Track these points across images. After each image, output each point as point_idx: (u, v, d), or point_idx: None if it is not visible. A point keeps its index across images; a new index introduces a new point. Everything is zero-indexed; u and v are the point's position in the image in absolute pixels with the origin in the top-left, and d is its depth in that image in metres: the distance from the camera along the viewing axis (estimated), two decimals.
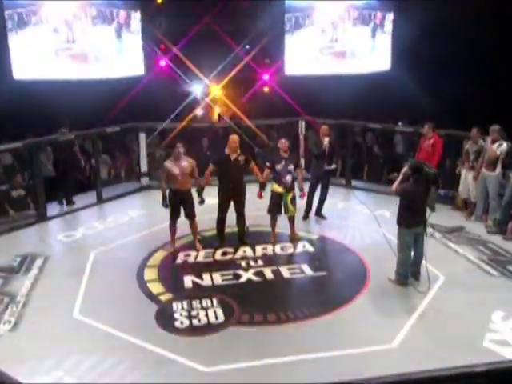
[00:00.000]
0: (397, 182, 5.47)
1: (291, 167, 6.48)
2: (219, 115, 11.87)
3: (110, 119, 9.38)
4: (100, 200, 8.42)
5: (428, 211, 5.50)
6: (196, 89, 12.79)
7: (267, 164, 6.57)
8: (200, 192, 6.31)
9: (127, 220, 7.62)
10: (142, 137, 9.01)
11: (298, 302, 5.20)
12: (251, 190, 6.61)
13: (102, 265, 6.04)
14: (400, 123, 10.86)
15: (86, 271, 5.86)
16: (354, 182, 9.25)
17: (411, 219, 5.28)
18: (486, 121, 7.51)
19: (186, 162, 6.17)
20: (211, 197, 6.51)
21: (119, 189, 9.06)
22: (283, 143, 6.47)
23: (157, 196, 8.58)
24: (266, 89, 13.41)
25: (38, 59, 9.56)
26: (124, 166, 10.01)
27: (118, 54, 10.39)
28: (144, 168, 9.10)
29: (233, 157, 6.33)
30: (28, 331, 4.71)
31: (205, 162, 6.66)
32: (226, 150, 6.36)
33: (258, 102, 13.00)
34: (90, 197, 8.51)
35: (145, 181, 9.13)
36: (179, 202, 6.20)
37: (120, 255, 6.30)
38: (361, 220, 7.48)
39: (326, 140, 7.27)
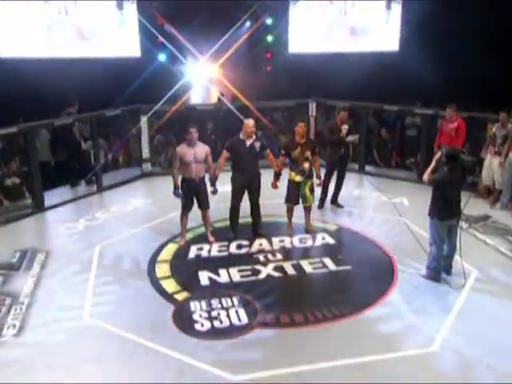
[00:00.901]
0: (429, 171, 5.17)
1: (308, 153, 6.17)
2: (221, 95, 11.42)
3: (107, 102, 8.93)
4: (100, 188, 8.06)
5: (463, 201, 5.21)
6: (192, 69, 12.33)
7: (282, 151, 6.25)
8: (214, 181, 6.00)
9: (131, 210, 7.29)
10: (144, 120, 8.60)
11: (325, 300, 4.93)
12: (264, 177, 6.27)
13: (109, 260, 5.73)
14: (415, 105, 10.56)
15: (93, 268, 5.55)
16: (366, 167, 8.97)
17: (446, 211, 5.00)
18: (508, 102, 7.24)
19: (201, 148, 5.85)
20: (222, 183, 6.20)
21: (118, 176, 8.70)
22: (301, 127, 6.11)
23: (160, 183, 8.44)
24: (268, 68, 12.97)
25: (25, 35, 8.97)
26: (121, 151, 9.60)
27: (116, 30, 9.80)
28: (146, 153, 8.74)
29: (248, 143, 5.99)
30: (35, 336, 4.39)
31: (209, 145, 6.29)
32: (241, 135, 6.01)
33: (260, 82, 12.57)
34: (89, 185, 8.13)
35: (147, 167, 8.77)
36: (193, 192, 5.90)
37: (127, 249, 5.99)
38: (379, 208, 7.24)
39: (345, 128, 6.93)
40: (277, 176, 6.21)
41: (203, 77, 12.49)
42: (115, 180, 8.47)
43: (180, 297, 4.97)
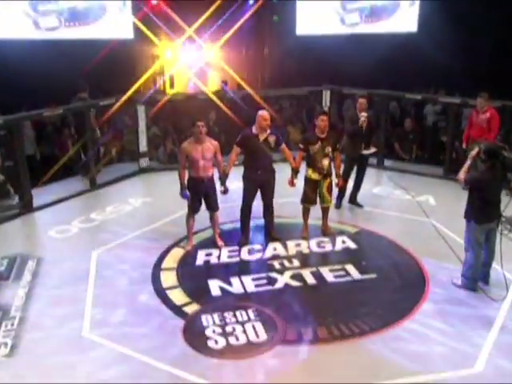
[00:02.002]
0: (464, 169, 5.03)
1: (329, 149, 6.03)
2: (224, 83, 11.23)
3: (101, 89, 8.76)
4: (94, 185, 7.91)
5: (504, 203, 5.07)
6: (189, 52, 12.14)
7: (300, 146, 6.11)
8: (224, 180, 5.85)
9: (130, 210, 7.15)
10: (141, 110, 8.45)
11: (350, 313, 4.80)
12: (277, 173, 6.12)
13: (108, 268, 5.58)
14: (432, 90, 10.44)
15: (91, 276, 5.40)
16: (386, 162, 8.87)
17: (484, 214, 4.87)
18: None
19: (209, 144, 5.69)
20: (231, 180, 6.08)
21: (113, 172, 8.56)
22: (323, 120, 5.94)
23: (160, 180, 8.36)
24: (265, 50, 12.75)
25: (5, 13, 8.72)
26: (115, 144, 9.43)
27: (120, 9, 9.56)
28: (143, 147, 8.59)
29: (262, 137, 5.84)
30: (29, 356, 4.24)
31: (212, 138, 6.13)
32: (254, 129, 5.85)
33: (265, 67, 12.42)
34: (82, 182, 8.00)
35: (144, 162, 8.64)
36: (201, 192, 5.76)
37: (128, 255, 5.85)
38: (402, 208, 7.15)
39: (364, 115, 6.78)
40: (295, 173, 6.07)
41: (201, 61, 12.31)
42: (110, 176, 8.32)
43: (190, 309, 4.83)
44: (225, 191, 5.89)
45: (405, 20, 11.51)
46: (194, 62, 12.29)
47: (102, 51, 9.54)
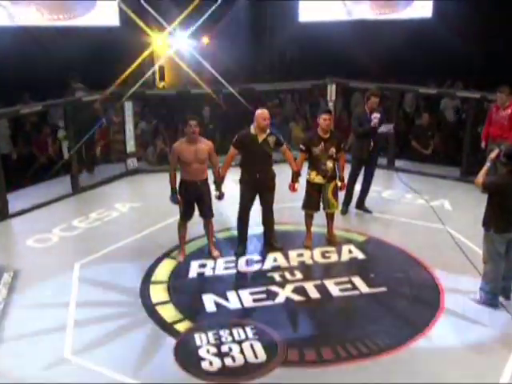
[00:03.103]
0: (482, 172, 5.04)
1: (332, 150, 6.05)
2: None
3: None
4: (76, 189, 7.94)
5: None
6: (181, 41, 12.16)
7: (301, 147, 6.14)
8: (219, 184, 5.89)
9: (116, 217, 7.19)
10: (128, 105, 8.47)
11: (357, 331, 4.83)
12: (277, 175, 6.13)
13: (92, 281, 5.59)
14: (448, 82, 10.49)
15: (73, 291, 5.42)
16: (397, 162, 8.91)
17: (504, 222, 4.89)
18: None
19: (203, 145, 5.71)
20: (227, 184, 6.11)
21: (98, 173, 8.61)
22: (326, 120, 5.97)
23: (149, 183, 8.41)
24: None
25: None
26: (100, 143, 9.45)
27: None
28: (131, 146, 8.63)
29: (260, 138, 5.86)
30: (5, 380, 4.23)
31: (206, 137, 6.16)
32: (252, 129, 5.87)
33: (264, 58, 12.41)
34: (63, 184, 8.01)
35: (132, 163, 8.68)
36: (194, 197, 5.79)
37: (114, 267, 5.88)
38: (415, 214, 7.19)
39: (376, 116, 6.79)
40: (296, 177, 6.10)
41: (194, 50, 12.33)
42: (94, 179, 8.38)
43: (182, 327, 4.85)
44: (220, 196, 5.91)
45: (419, 5, 11.57)
46: (186, 52, 12.33)
47: (85, 40, 9.58)
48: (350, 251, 6.20)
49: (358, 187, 7.18)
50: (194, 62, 12.27)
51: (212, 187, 5.92)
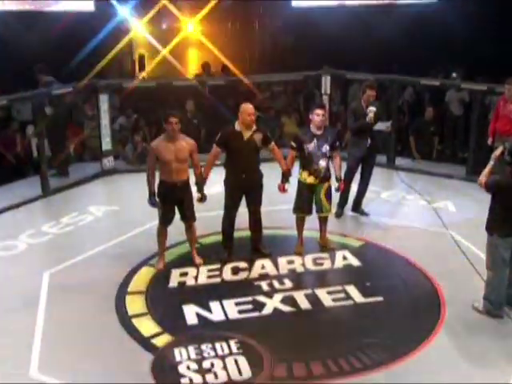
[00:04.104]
0: (486, 172, 5.14)
1: (326, 148, 6.14)
2: (206, 64, 11.32)
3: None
4: (46, 191, 7.99)
5: None
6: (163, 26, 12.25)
7: (292, 144, 6.22)
8: (201, 185, 5.97)
9: (90, 221, 7.26)
10: (104, 99, 8.54)
11: (351, 344, 4.90)
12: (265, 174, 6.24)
13: (62, 292, 5.65)
14: (454, 74, 10.59)
15: (41, 303, 5.46)
16: (397, 160, 9.03)
17: (509, 225, 4.98)
18: None
19: (184, 143, 5.78)
20: (212, 184, 6.20)
21: (71, 173, 8.65)
22: (319, 115, 6.04)
23: (127, 184, 8.49)
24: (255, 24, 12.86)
25: None
26: (73, 140, 9.49)
27: None
28: (107, 144, 8.69)
29: (246, 135, 5.94)
30: None
31: (191, 135, 6.23)
32: (236, 125, 5.96)
33: (255, 46, 12.54)
34: (32, 186, 8.08)
35: (108, 162, 8.74)
36: (174, 200, 5.86)
37: (87, 276, 5.93)
38: (416, 217, 7.31)
39: (372, 110, 6.87)
40: (285, 177, 6.18)
41: (178, 37, 12.41)
42: (67, 179, 8.43)
43: (160, 342, 4.90)
44: (202, 198, 5.99)
45: None
46: (168, 39, 12.41)
47: (55, 27, 9.65)
48: (345, 258, 6.28)
49: (354, 188, 7.25)
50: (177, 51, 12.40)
51: (194, 189, 5.98)
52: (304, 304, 5.43)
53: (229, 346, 4.80)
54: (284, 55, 12.30)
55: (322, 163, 6.14)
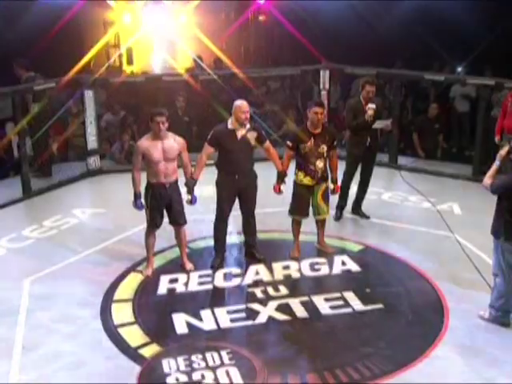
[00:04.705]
0: (491, 173, 5.18)
1: (324, 148, 6.17)
2: (199, 58, 11.36)
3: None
4: (28, 192, 8.02)
5: None
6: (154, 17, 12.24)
7: (288, 143, 6.26)
8: (191, 186, 5.99)
9: (74, 224, 7.28)
10: (89, 94, 8.56)
11: (349, 354, 4.92)
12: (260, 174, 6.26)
13: (44, 301, 5.66)
14: (460, 68, 10.66)
15: (22, 312, 5.47)
16: (400, 159, 9.08)
17: None
18: None
19: (173, 142, 5.80)
20: (203, 186, 6.23)
21: (54, 174, 8.67)
22: (317, 113, 6.06)
23: (113, 185, 8.51)
24: (261, 17, 12.93)
25: None
26: (56, 138, 9.51)
27: None
28: (93, 142, 8.72)
29: (240, 134, 5.97)
30: None
31: (181, 133, 6.26)
32: (229, 123, 5.99)
33: (250, 39, 12.58)
34: (12, 187, 8.10)
35: (94, 161, 8.77)
36: (162, 202, 5.89)
37: (71, 283, 5.95)
38: (419, 219, 7.35)
39: (371, 107, 6.90)
40: (281, 177, 6.23)
41: (166, 29, 12.43)
42: (49, 180, 8.45)
43: (148, 352, 4.92)
44: (192, 200, 6.02)
45: None
46: (159, 30, 12.43)
47: (38, 19, 9.64)
48: (344, 263, 6.32)
49: (353, 189, 7.30)
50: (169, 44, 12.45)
51: (183, 190, 6.02)
52: (300, 312, 5.46)
53: (220, 357, 4.82)
54: (281, 47, 12.36)
55: (319, 163, 6.16)
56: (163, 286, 5.89)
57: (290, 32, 11.17)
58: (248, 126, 6.00)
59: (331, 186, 6.38)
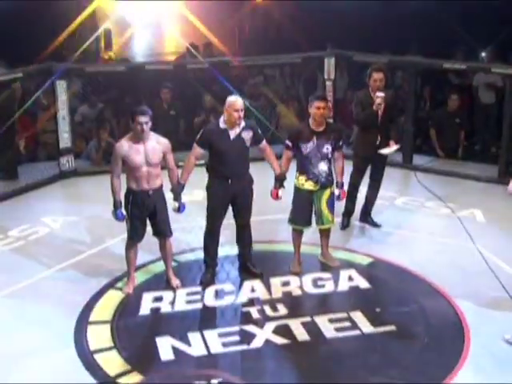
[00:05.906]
0: None
1: (328, 149, 6.21)
2: (193, 46, 11.40)
3: None
4: None
5: None
6: None
7: (287, 143, 6.29)
8: (178, 193, 6.02)
9: (44, 235, 7.32)
10: (62, 85, 8.58)
11: (356, 382, 4.94)
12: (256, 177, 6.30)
13: (10, 322, 5.69)
14: (483, 54, 10.70)
15: None
16: (415, 159, 9.14)
17: None
18: None
19: (156, 143, 5.83)
20: (191, 190, 6.25)
21: (21, 176, 8.73)
22: (320, 108, 6.08)
23: (89, 189, 8.56)
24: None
25: None
26: (23, 135, 9.55)
27: None
28: (65, 140, 8.73)
29: (233, 133, 6.00)
30: None
31: (167, 129, 6.29)
32: (221, 122, 6.02)
33: (245, 20, 12.64)
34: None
35: (67, 161, 8.78)
36: (145, 211, 5.92)
37: (40, 302, 5.96)
38: (437, 228, 7.37)
39: (380, 96, 6.94)
40: (279, 181, 6.24)
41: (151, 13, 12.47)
42: (15, 183, 8.49)
43: (128, 382, 4.92)
44: (179, 208, 6.04)
45: None
46: (141, 9, 12.48)
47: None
48: (351, 278, 6.35)
49: (362, 193, 7.36)
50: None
51: (169, 196, 6.05)
52: (301, 335, 5.47)
53: None
54: (280, 31, 12.38)
55: (323, 166, 6.20)
56: (146, 306, 5.90)
57: (292, 13, 11.23)
58: (243, 123, 6.03)
59: (336, 191, 6.41)
